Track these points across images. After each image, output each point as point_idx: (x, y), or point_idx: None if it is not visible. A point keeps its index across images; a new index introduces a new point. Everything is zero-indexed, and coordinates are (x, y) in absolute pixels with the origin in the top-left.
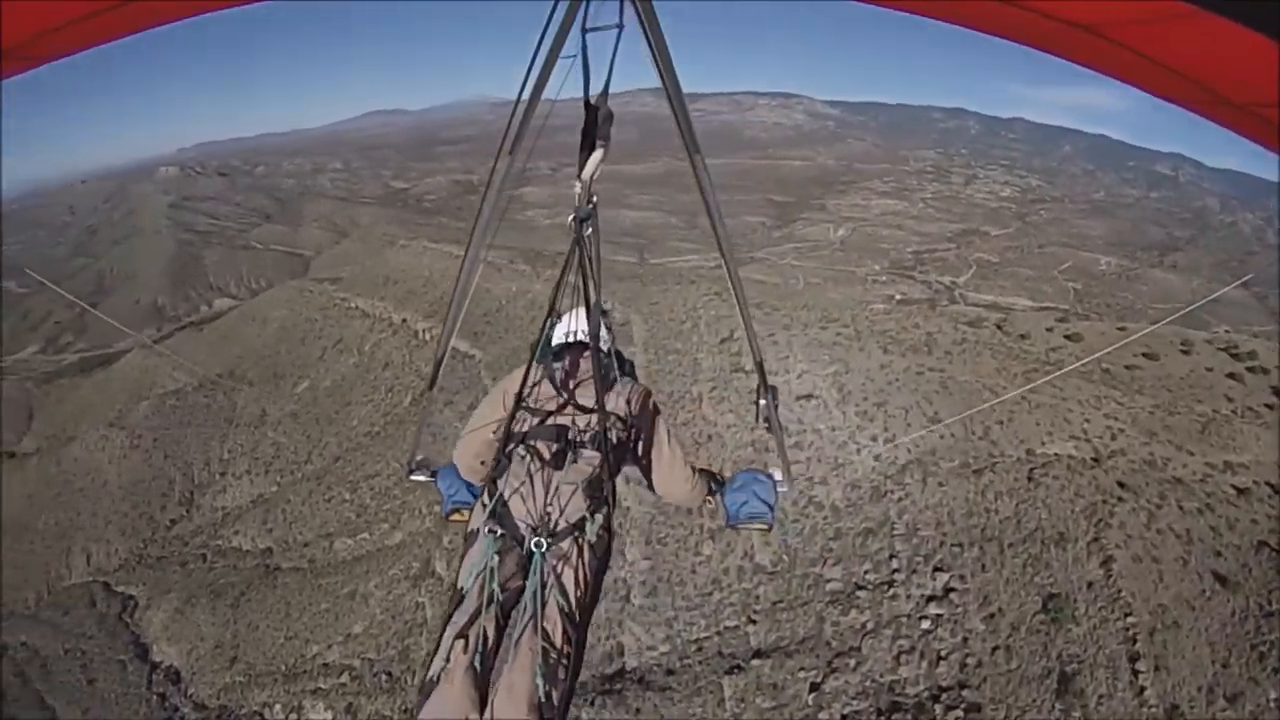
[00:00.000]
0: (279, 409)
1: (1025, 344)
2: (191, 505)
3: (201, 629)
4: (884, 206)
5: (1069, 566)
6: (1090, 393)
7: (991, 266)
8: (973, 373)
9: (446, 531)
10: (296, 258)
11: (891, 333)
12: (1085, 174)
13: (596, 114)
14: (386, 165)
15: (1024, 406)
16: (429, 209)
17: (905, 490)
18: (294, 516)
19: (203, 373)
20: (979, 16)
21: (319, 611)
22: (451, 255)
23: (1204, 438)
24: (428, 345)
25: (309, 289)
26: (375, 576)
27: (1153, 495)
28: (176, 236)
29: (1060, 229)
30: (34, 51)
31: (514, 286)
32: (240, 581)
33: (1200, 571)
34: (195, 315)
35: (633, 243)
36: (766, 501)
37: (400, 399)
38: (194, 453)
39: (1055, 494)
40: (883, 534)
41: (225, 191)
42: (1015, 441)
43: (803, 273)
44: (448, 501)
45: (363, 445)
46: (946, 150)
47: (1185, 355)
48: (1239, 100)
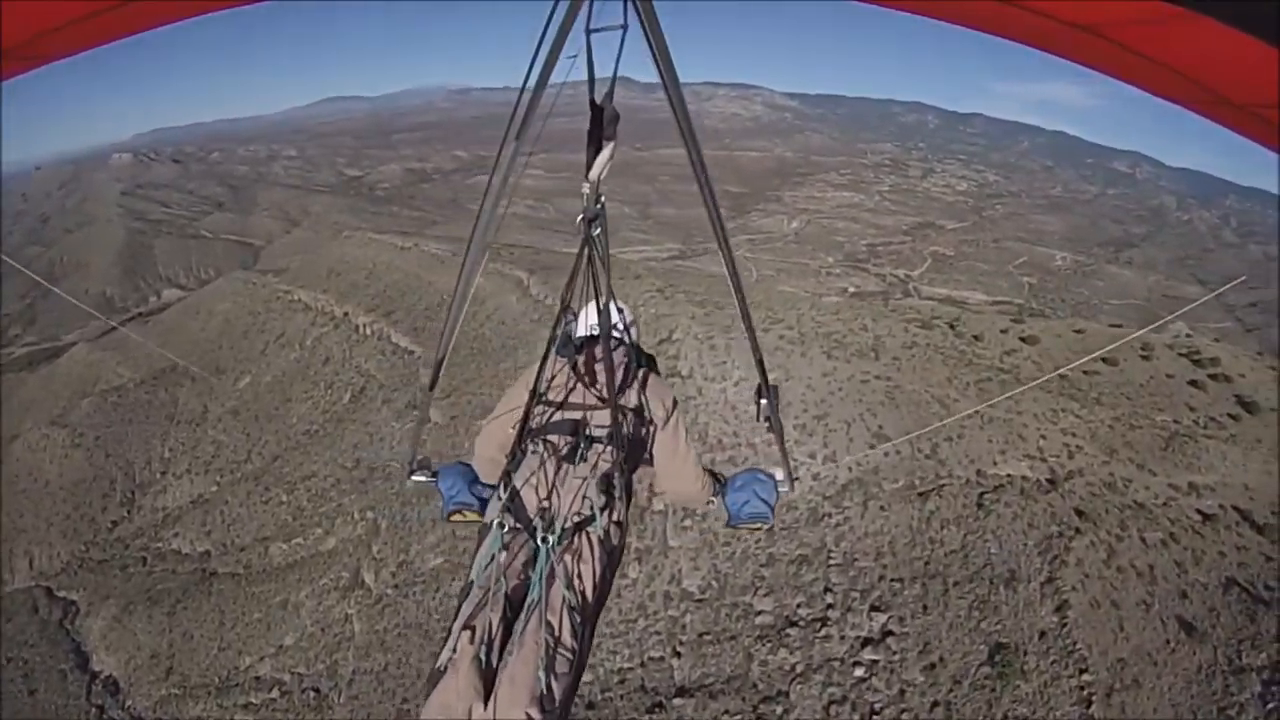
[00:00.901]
0: (220, 405)
1: (978, 347)
2: (133, 506)
3: (139, 638)
4: (840, 199)
5: (1020, 611)
6: (1046, 405)
7: (946, 260)
8: (922, 381)
9: (376, 540)
10: (246, 247)
11: (838, 335)
12: (1043, 170)
13: (603, 114)
14: (341, 152)
15: (975, 420)
16: (381, 197)
17: (844, 514)
18: (232, 518)
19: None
20: (979, 16)
21: (252, 621)
22: (396, 246)
23: (1167, 455)
24: (368, 340)
25: (253, 281)
26: (306, 586)
27: (1113, 525)
28: (127, 225)
29: (1016, 224)
30: (34, 51)
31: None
32: (177, 587)
33: (1164, 618)
34: (144, 306)
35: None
36: (767, 501)
37: (340, 396)
38: (135, 451)
39: (1007, 524)
40: (818, 563)
41: (179, 179)
42: (965, 461)
43: (756, 265)
44: (448, 502)
45: (301, 444)
46: (905, 144)
47: (1145, 360)
48: (1239, 100)
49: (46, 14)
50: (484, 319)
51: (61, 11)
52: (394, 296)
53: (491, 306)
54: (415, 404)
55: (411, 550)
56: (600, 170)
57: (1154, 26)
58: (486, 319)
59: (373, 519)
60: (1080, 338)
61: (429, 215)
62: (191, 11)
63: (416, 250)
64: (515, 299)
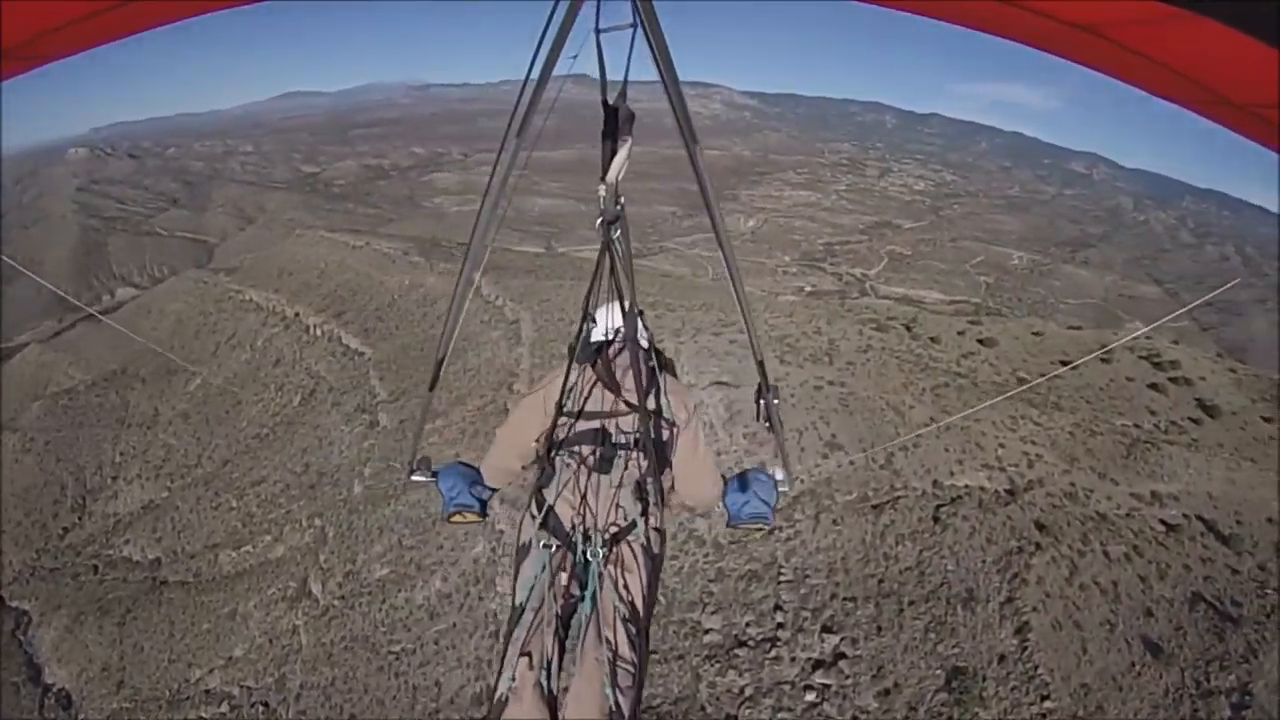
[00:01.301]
0: (171, 408)
1: (935, 350)
2: (84, 512)
3: (90, 649)
4: (797, 198)
5: (978, 634)
6: (1005, 411)
7: (904, 259)
8: (876, 387)
9: (323, 548)
10: (201, 245)
11: (791, 339)
12: (1001, 170)
13: (617, 114)
14: (298, 148)
15: (928, 429)
16: (337, 194)
17: (796, 528)
18: (182, 525)
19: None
20: (979, 16)
21: (201, 632)
22: (348, 245)
23: (1128, 463)
24: (318, 341)
25: (205, 280)
26: (255, 595)
27: (1074, 538)
28: (82, 222)
29: (973, 223)
30: (34, 51)
31: (407, 280)
32: (128, 597)
33: (1129, 638)
34: (98, 305)
35: (541, 231)
36: (767, 502)
37: (290, 399)
38: (87, 456)
39: (965, 539)
40: (768, 579)
41: (135, 175)
42: (920, 471)
43: (711, 264)
44: (449, 503)
45: (251, 449)
46: (863, 143)
47: (1105, 364)
48: (1239, 100)
49: (46, 14)
50: (434, 320)
51: (61, 11)
52: (345, 296)
53: (442, 307)
54: (364, 407)
55: (358, 560)
56: (618, 171)
57: (1154, 27)
58: (437, 320)
59: (320, 526)
60: (1038, 340)
61: (384, 213)
62: (190, 11)
63: (368, 249)
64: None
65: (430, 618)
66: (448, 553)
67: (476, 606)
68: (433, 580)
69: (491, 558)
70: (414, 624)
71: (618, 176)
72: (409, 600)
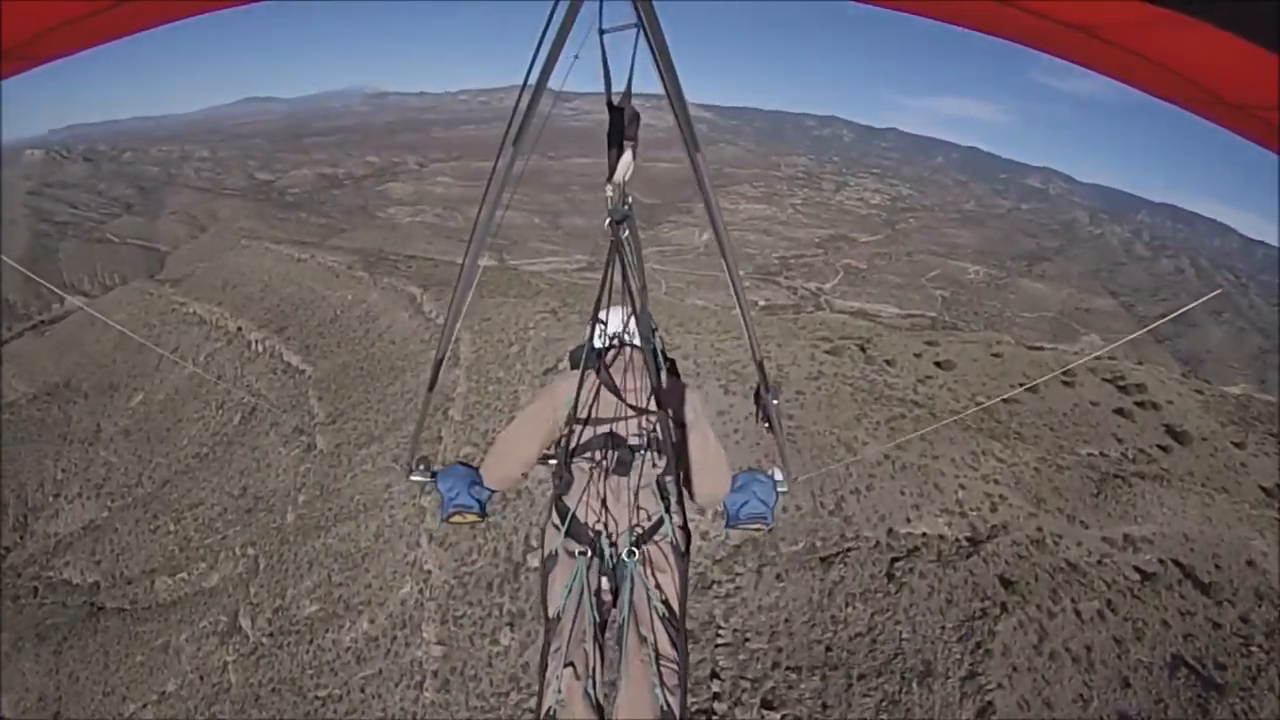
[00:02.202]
0: (112, 424)
1: (890, 375)
2: (25, 531)
3: (28, 677)
4: (753, 211)
5: (936, 714)
6: (965, 446)
7: (859, 273)
8: (827, 420)
9: (255, 580)
10: (152, 252)
11: (737, 365)
12: (957, 184)
13: (623, 115)
14: (254, 155)
15: (886, 467)
16: (291, 203)
17: (735, 582)
18: (121, 548)
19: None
20: (978, 16)
21: (135, 665)
22: (292, 258)
23: (1099, 503)
24: (259, 358)
25: (150, 292)
26: (187, 628)
27: (1043, 595)
28: (33, 227)
29: (929, 237)
30: (34, 51)
31: (350, 295)
32: (65, 623)
33: (1105, 716)
34: (46, 314)
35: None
36: (765, 502)
37: (230, 417)
38: (29, 472)
39: (922, 600)
40: (704, 640)
41: (89, 179)
42: (874, 517)
43: (665, 277)
44: (448, 504)
45: (190, 468)
46: (819, 157)
47: (1067, 387)
48: (1238, 101)
49: (46, 14)
50: (375, 338)
51: (60, 11)
52: (287, 311)
53: (384, 324)
54: (303, 428)
55: (288, 595)
56: (624, 172)
57: (1153, 28)
58: (378, 338)
59: (253, 556)
60: (998, 362)
61: (336, 223)
62: (189, 11)
63: (313, 262)
64: (407, 316)
65: (357, 661)
66: (375, 592)
67: (403, 653)
68: (360, 621)
69: (419, 599)
70: (341, 668)
71: (624, 177)
72: (336, 642)
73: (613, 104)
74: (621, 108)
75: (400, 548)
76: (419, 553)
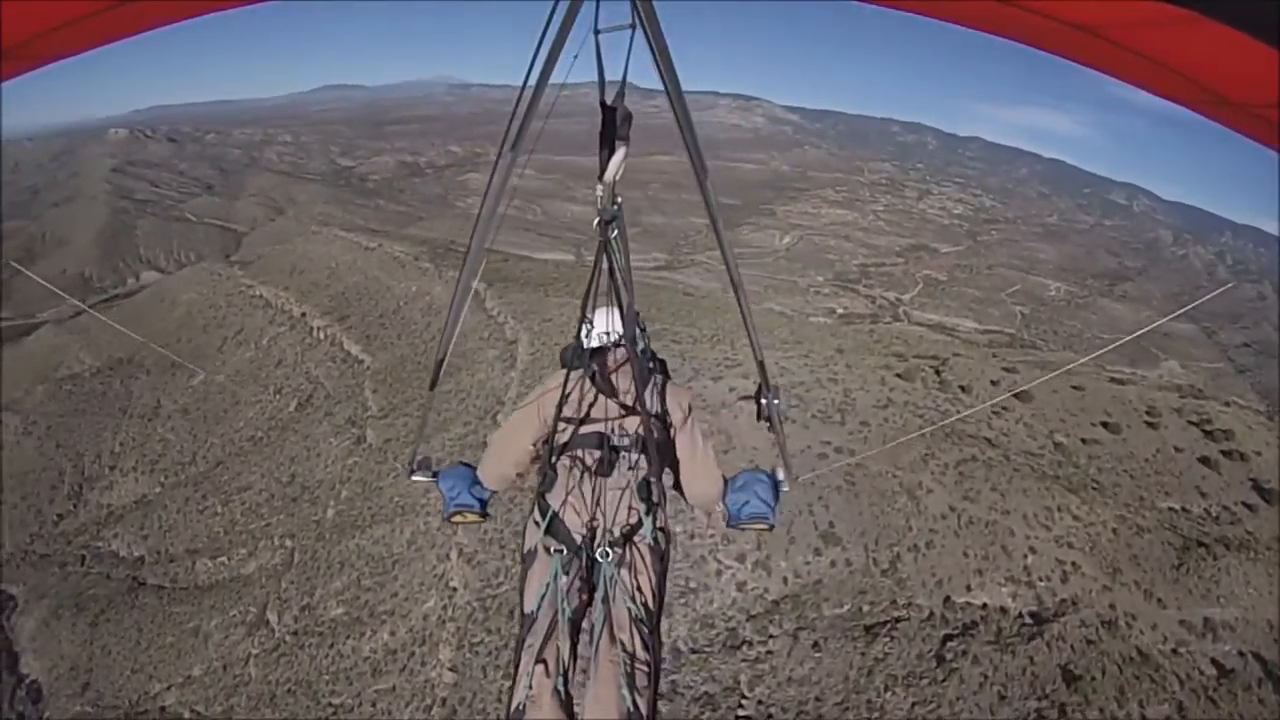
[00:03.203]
0: (172, 401)
1: (964, 405)
2: (79, 500)
3: (63, 645)
4: (834, 216)
5: None
6: (1040, 499)
7: (939, 285)
8: (890, 460)
9: (288, 573)
10: (229, 233)
11: (803, 387)
12: (1040, 197)
13: (615, 114)
14: (336, 141)
15: (951, 521)
16: (370, 190)
17: (768, 645)
18: (169, 525)
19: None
20: (979, 16)
21: (165, 645)
22: (361, 246)
23: (1179, 576)
24: (320, 345)
25: (219, 272)
26: (218, 615)
27: (1109, 693)
28: (113, 203)
29: (1011, 250)
30: (34, 51)
31: (414, 287)
32: (105, 595)
33: None
34: (122, 288)
35: (572, 238)
36: (767, 501)
37: (287, 403)
38: (86, 443)
39: (971, 694)
40: (725, 708)
41: (171, 158)
42: (931, 582)
43: (744, 280)
44: (450, 504)
45: (243, 451)
46: (903, 164)
47: (1150, 429)
48: (1239, 100)
49: (46, 14)
50: (435, 332)
51: (61, 11)
52: (351, 300)
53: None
54: (355, 420)
55: (316, 594)
56: (615, 171)
57: (1153, 28)
58: (438, 332)
59: (290, 548)
60: (1079, 397)
61: (414, 211)
62: (190, 12)
63: (381, 251)
64: (469, 312)
65: (373, 674)
66: (400, 602)
67: (418, 672)
68: (381, 632)
69: (441, 616)
70: (356, 677)
71: (615, 176)
72: (355, 650)
73: (605, 103)
74: (614, 107)
75: (430, 559)
76: (447, 566)
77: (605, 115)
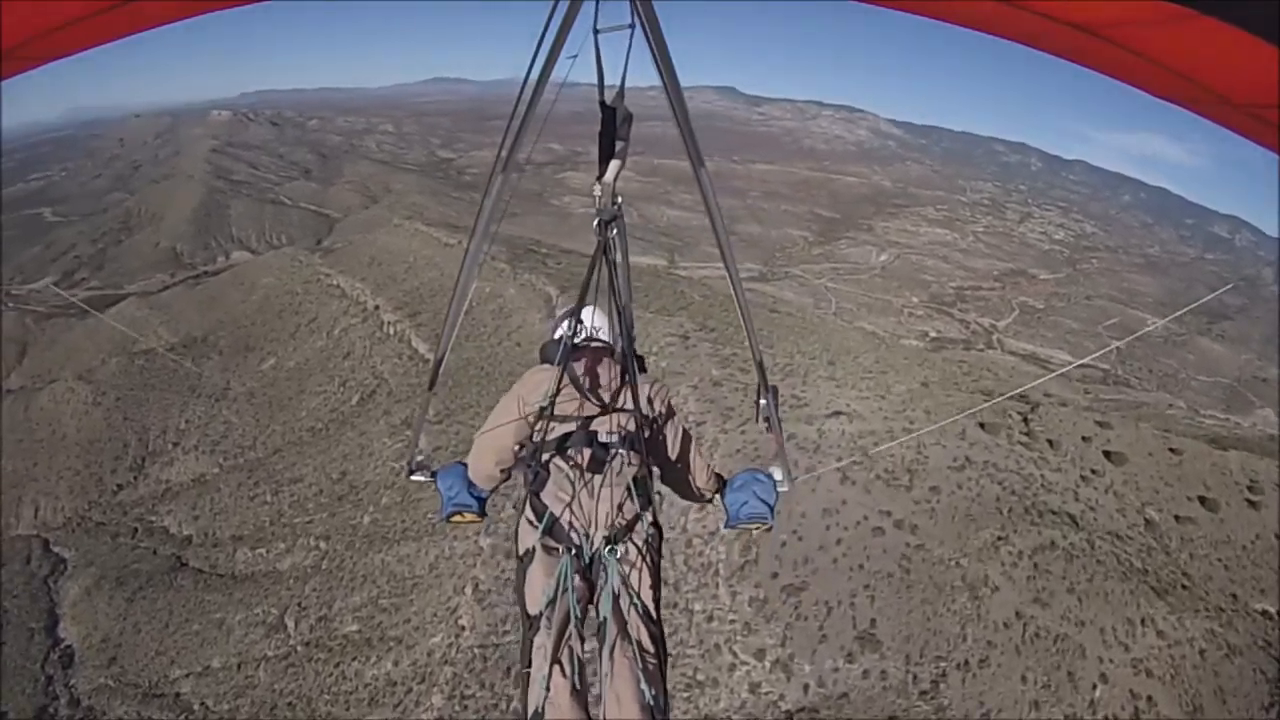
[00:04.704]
0: (240, 384)
1: (1048, 468)
2: (140, 473)
3: (99, 616)
4: (933, 235)
5: None
6: (1123, 606)
7: (1035, 313)
8: (958, 540)
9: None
10: (322, 218)
11: (869, 437)
12: (1142, 226)
13: (615, 115)
14: (437, 132)
15: (1015, 630)
16: (467, 183)
17: None
18: (220, 508)
19: None
20: (979, 16)
21: (191, 633)
22: (440, 242)
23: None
24: (389, 340)
25: (300, 258)
26: (244, 610)
27: None
28: (210, 183)
29: (1111, 281)
30: (34, 51)
31: (488, 288)
32: (147, 571)
33: None
34: (211, 265)
35: (666, 242)
36: (766, 501)
37: (350, 396)
38: (153, 418)
39: None
40: None
41: (271, 142)
42: (975, 713)
43: (836, 296)
44: (448, 504)
45: (302, 441)
46: (1005, 184)
47: (1252, 509)
48: (1239, 100)
49: (46, 14)
50: (503, 336)
51: (61, 11)
52: (424, 296)
53: (515, 323)
54: (411, 422)
55: (335, 606)
56: (615, 172)
57: (1153, 27)
58: (506, 337)
59: (323, 551)
60: (1176, 463)
61: (509, 207)
62: (190, 12)
63: (459, 248)
64: (540, 317)
65: (369, 702)
66: (410, 630)
67: (410, 711)
68: (386, 660)
69: (445, 655)
70: (355, 703)
71: (615, 178)
72: (359, 674)
73: (605, 103)
74: (614, 107)
75: (447, 588)
76: (461, 600)
77: (604, 116)
